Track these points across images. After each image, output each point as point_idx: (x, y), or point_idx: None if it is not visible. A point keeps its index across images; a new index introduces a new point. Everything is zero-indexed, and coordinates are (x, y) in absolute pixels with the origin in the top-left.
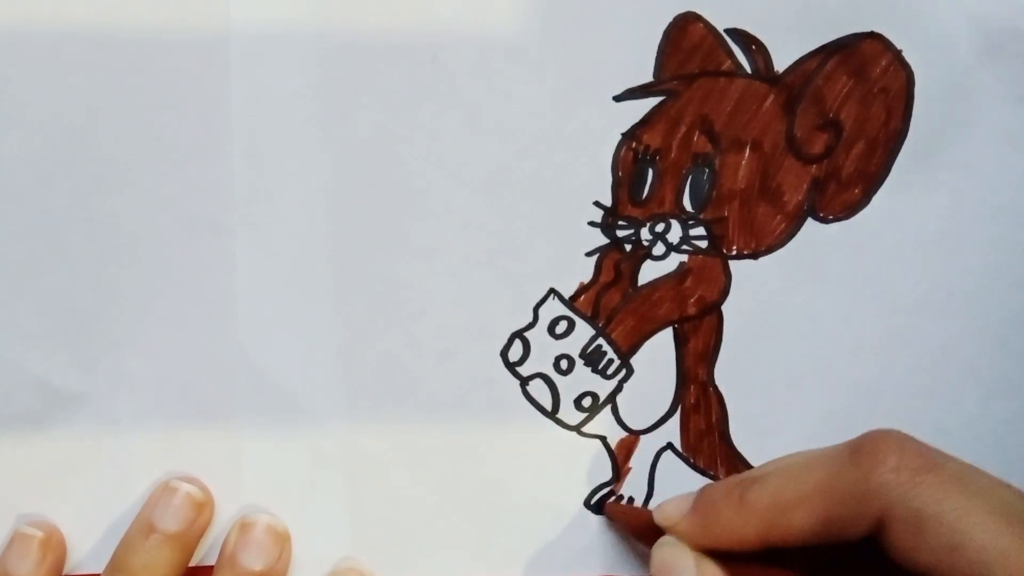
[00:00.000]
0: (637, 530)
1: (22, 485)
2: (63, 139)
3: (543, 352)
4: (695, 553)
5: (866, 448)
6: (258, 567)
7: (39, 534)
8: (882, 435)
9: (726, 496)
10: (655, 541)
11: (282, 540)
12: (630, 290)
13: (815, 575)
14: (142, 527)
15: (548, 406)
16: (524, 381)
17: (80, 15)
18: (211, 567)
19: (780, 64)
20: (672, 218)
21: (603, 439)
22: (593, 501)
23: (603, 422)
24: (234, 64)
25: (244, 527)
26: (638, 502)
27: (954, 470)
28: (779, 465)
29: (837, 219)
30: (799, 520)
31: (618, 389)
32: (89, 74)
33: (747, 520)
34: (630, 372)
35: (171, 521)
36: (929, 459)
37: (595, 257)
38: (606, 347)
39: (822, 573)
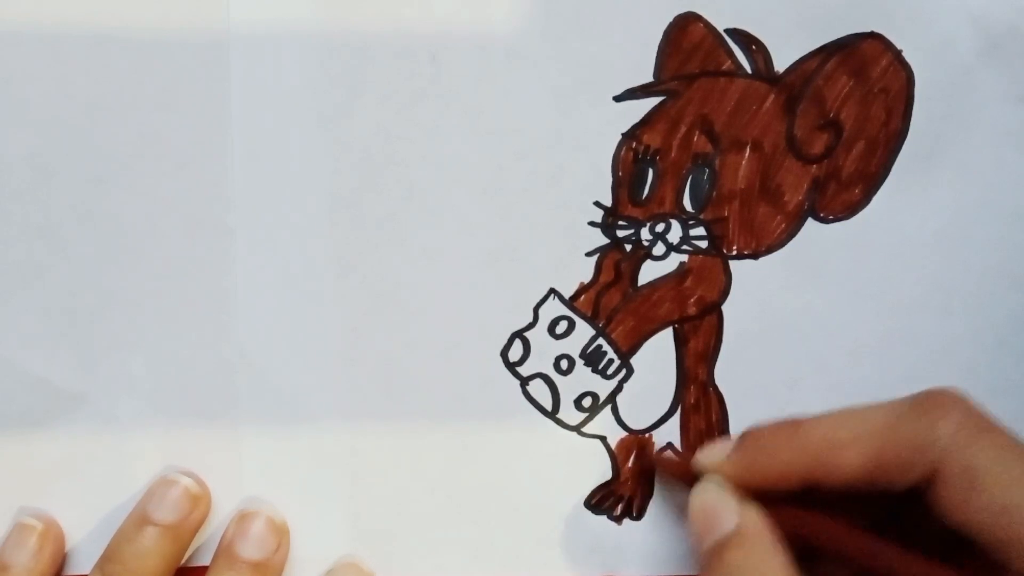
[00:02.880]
0: (687, 480)
1: (23, 484)
2: (63, 139)
3: (543, 352)
4: (737, 496)
5: (930, 401)
6: (255, 558)
7: (38, 525)
8: (947, 392)
9: (775, 431)
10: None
11: (280, 532)
12: (630, 290)
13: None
14: (137, 518)
15: (548, 406)
16: (524, 381)
17: (80, 15)
18: (207, 568)
19: (780, 64)
20: (672, 218)
21: (603, 439)
22: (594, 501)
23: (603, 422)
24: (234, 64)
25: (243, 518)
26: (638, 502)
27: (1012, 436)
28: (832, 411)
29: (837, 219)
30: (850, 459)
31: (618, 389)
32: (89, 74)
33: (795, 455)
34: (630, 372)
35: (166, 513)
36: (990, 421)
37: (595, 257)
38: (606, 347)
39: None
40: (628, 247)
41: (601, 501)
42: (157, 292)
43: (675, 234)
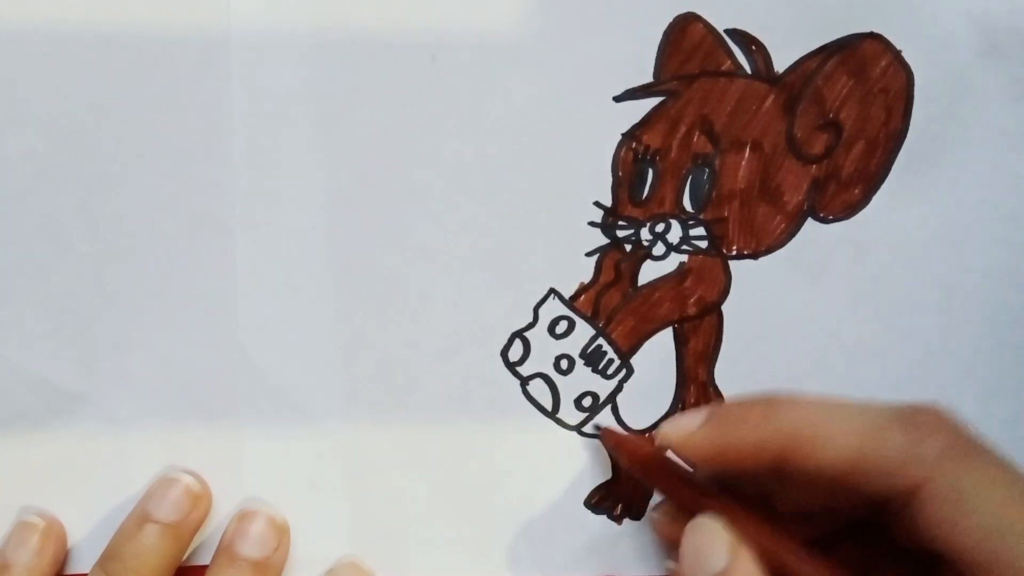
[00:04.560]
0: (638, 461)
1: (23, 484)
2: (63, 139)
3: (543, 352)
4: (730, 537)
5: (919, 417)
6: (256, 556)
7: (40, 523)
8: (934, 409)
9: (752, 406)
10: (656, 475)
11: (280, 531)
12: (630, 290)
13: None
14: (138, 517)
15: (548, 406)
16: (524, 381)
17: (80, 15)
18: (207, 567)
19: (780, 64)
20: (672, 218)
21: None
22: (594, 501)
23: (603, 422)
24: (234, 64)
25: (243, 517)
26: (638, 502)
27: (1000, 459)
28: (814, 397)
29: (837, 219)
30: (829, 453)
31: (618, 389)
32: (89, 74)
33: (771, 436)
34: (630, 372)
35: (167, 511)
36: (977, 442)
37: (595, 257)
38: (606, 347)
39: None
40: (628, 247)
41: (601, 501)
42: (157, 292)
43: (675, 234)
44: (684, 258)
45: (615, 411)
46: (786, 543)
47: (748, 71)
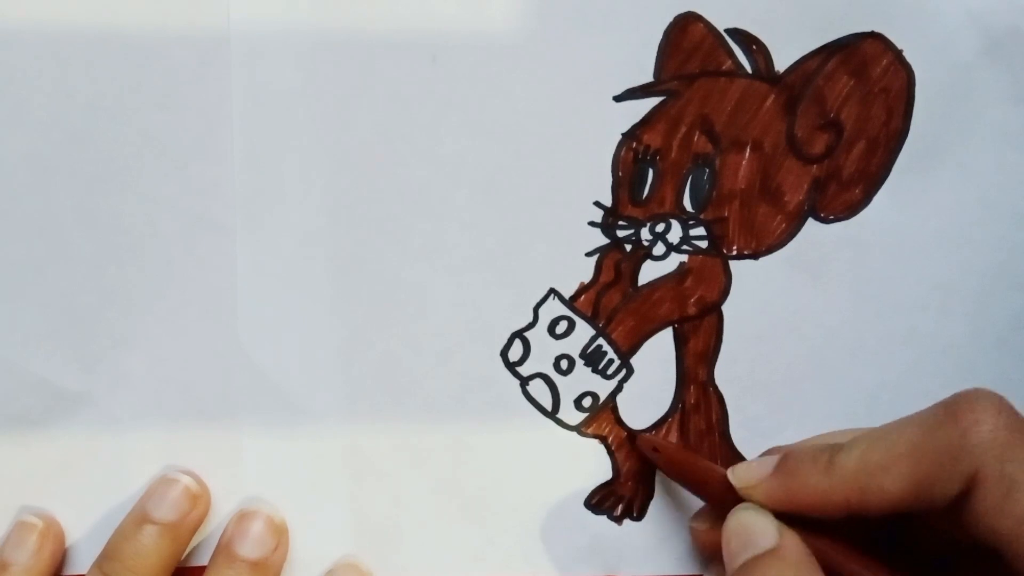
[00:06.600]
0: (676, 466)
1: (23, 484)
2: (63, 139)
3: (543, 352)
4: (777, 520)
5: (963, 407)
6: (254, 557)
7: (38, 523)
8: (980, 394)
9: (814, 459)
10: (712, 497)
11: (279, 532)
12: (630, 290)
13: (889, 553)
14: (137, 517)
15: (548, 406)
16: (524, 381)
17: (80, 15)
18: (205, 567)
19: (781, 64)
20: (672, 218)
21: (603, 439)
22: (594, 501)
23: (603, 422)
24: (234, 64)
25: (242, 517)
26: (638, 502)
27: None
28: (867, 431)
29: (838, 219)
30: (890, 484)
31: (618, 389)
32: (89, 74)
33: (835, 485)
34: (630, 372)
35: (166, 511)
36: None
37: (595, 257)
38: (606, 347)
39: (895, 551)
40: (628, 247)
41: (601, 501)
42: (157, 292)
43: (675, 234)
44: (684, 258)
45: (615, 411)
46: (831, 538)
47: (748, 71)
